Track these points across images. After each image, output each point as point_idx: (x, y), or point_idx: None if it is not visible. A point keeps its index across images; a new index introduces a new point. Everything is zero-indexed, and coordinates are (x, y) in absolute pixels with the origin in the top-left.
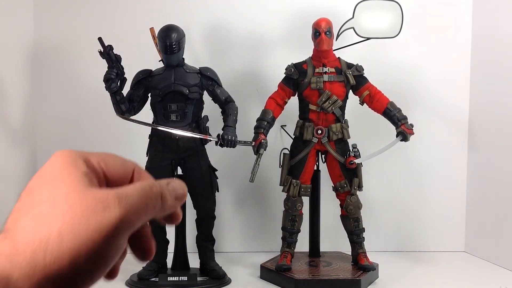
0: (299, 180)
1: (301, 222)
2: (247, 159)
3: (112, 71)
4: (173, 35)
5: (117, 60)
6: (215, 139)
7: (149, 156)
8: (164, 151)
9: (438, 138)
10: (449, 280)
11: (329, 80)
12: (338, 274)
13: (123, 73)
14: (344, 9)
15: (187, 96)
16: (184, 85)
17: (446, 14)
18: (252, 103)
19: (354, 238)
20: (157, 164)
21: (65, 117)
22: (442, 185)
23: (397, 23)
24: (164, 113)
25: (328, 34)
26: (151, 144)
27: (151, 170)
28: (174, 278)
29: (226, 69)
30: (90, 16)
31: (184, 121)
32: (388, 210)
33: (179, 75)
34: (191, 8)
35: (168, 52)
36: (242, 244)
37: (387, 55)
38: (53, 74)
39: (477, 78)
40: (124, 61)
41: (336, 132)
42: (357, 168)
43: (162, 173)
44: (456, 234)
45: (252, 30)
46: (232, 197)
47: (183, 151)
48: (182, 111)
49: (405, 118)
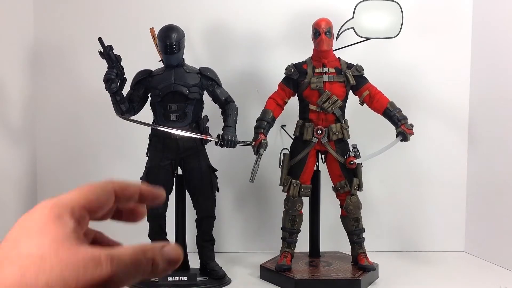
0: (299, 180)
1: (301, 222)
2: (247, 159)
3: (112, 71)
4: (173, 35)
5: (117, 60)
6: (215, 139)
7: (149, 156)
8: (164, 151)
9: (438, 138)
10: (449, 280)
11: (329, 80)
12: (338, 274)
13: (123, 73)
14: (344, 9)
15: (187, 96)
16: (184, 85)
17: (446, 14)
18: (252, 103)
19: (354, 238)
20: (157, 164)
21: (65, 117)
22: (442, 185)
23: (397, 23)
24: (164, 113)
25: (328, 34)
26: (151, 144)
27: (151, 170)
28: (174, 278)
29: (226, 69)
30: (90, 16)
31: (184, 121)
32: (388, 210)
33: (179, 75)
34: (191, 8)
35: (168, 52)
36: (242, 244)
37: (387, 55)
38: (53, 74)
39: (477, 78)
40: (124, 61)
41: (336, 132)
42: (357, 168)
43: (162, 173)
44: (456, 234)
45: (252, 30)
46: (232, 197)
47: (183, 151)
48: (182, 111)
49: (405, 118)
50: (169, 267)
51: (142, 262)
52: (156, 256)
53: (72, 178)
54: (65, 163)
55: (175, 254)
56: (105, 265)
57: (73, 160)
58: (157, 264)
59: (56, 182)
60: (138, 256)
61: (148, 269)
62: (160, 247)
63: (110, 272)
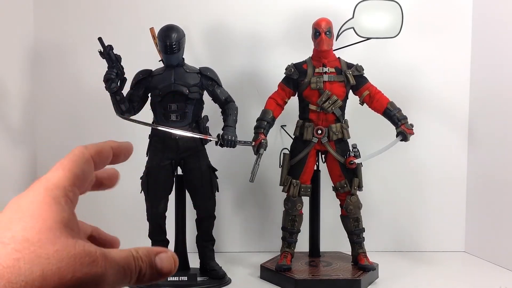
0: (299, 180)
1: (301, 222)
2: (247, 159)
3: (112, 71)
4: (173, 35)
5: (117, 60)
6: (215, 139)
7: (149, 156)
8: (164, 151)
9: (438, 138)
10: (449, 280)
11: (329, 80)
12: (338, 274)
13: (123, 73)
14: (344, 9)
15: (187, 96)
16: (184, 85)
17: (446, 14)
18: (252, 103)
19: (354, 238)
20: (157, 164)
21: (65, 117)
22: (442, 185)
23: (397, 23)
24: (164, 113)
25: (328, 34)
26: (151, 144)
27: (151, 170)
28: (174, 278)
29: (226, 69)
30: (90, 16)
31: (184, 121)
32: (388, 210)
33: (179, 75)
34: (191, 8)
35: (168, 52)
36: (242, 244)
37: (387, 55)
38: (53, 74)
39: (477, 78)
40: (124, 61)
41: (336, 132)
42: (357, 168)
43: (162, 173)
44: (456, 234)
45: (252, 30)
46: (232, 197)
47: (183, 151)
48: (182, 111)
49: (405, 118)
50: (158, 277)
51: (130, 270)
52: (143, 265)
53: None
54: None
55: (168, 265)
56: (100, 262)
57: None
58: (144, 275)
59: None
60: (129, 262)
61: (134, 277)
62: (154, 254)
63: (104, 271)
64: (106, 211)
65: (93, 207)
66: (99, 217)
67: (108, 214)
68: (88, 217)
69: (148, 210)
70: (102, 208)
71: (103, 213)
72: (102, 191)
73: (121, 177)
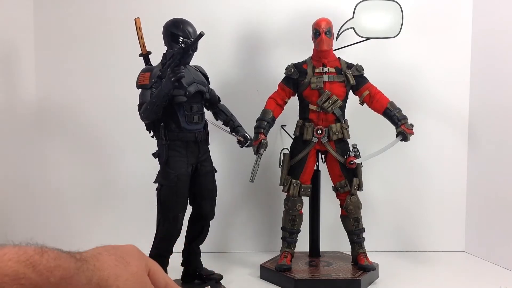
0: (299, 180)
1: (301, 222)
2: (247, 159)
3: (181, 68)
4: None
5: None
6: (241, 139)
7: (173, 163)
8: (188, 156)
9: (438, 138)
10: (449, 280)
11: (329, 80)
12: (338, 274)
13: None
14: (344, 9)
15: (203, 96)
16: (203, 84)
17: (446, 14)
18: (252, 103)
19: (354, 238)
20: (184, 171)
21: (66, 116)
22: (442, 185)
23: (397, 23)
24: (187, 115)
25: (328, 34)
26: (170, 149)
27: (181, 178)
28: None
29: (226, 69)
30: (90, 16)
31: (202, 123)
32: (388, 210)
33: (194, 74)
34: (191, 8)
35: (195, 49)
36: (242, 244)
37: (387, 55)
38: (54, 74)
39: (477, 78)
40: (124, 61)
41: (336, 132)
42: (357, 168)
43: (186, 181)
44: (456, 234)
45: (252, 30)
46: (232, 197)
47: (202, 154)
48: (201, 112)
49: (405, 118)
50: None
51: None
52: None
53: (72, 178)
54: (65, 163)
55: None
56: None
57: (73, 160)
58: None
59: (56, 182)
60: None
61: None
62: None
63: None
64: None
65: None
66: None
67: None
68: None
69: (169, 222)
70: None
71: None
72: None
73: (121, 178)
